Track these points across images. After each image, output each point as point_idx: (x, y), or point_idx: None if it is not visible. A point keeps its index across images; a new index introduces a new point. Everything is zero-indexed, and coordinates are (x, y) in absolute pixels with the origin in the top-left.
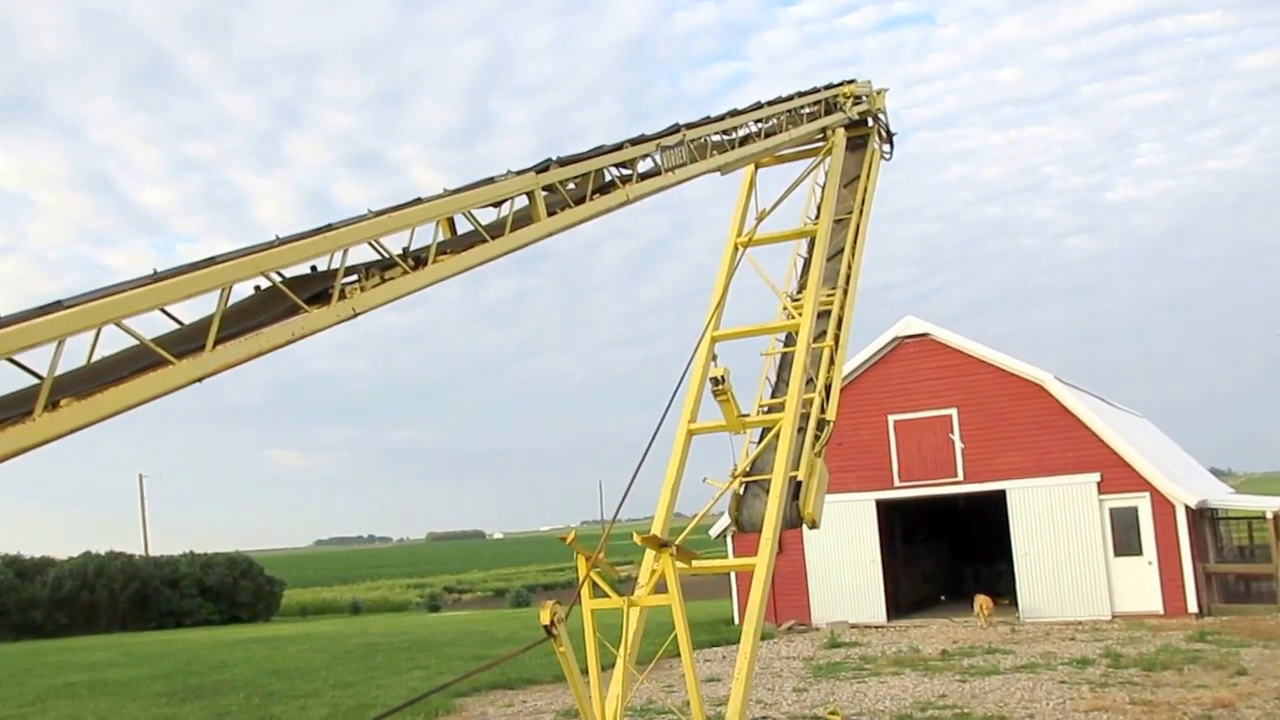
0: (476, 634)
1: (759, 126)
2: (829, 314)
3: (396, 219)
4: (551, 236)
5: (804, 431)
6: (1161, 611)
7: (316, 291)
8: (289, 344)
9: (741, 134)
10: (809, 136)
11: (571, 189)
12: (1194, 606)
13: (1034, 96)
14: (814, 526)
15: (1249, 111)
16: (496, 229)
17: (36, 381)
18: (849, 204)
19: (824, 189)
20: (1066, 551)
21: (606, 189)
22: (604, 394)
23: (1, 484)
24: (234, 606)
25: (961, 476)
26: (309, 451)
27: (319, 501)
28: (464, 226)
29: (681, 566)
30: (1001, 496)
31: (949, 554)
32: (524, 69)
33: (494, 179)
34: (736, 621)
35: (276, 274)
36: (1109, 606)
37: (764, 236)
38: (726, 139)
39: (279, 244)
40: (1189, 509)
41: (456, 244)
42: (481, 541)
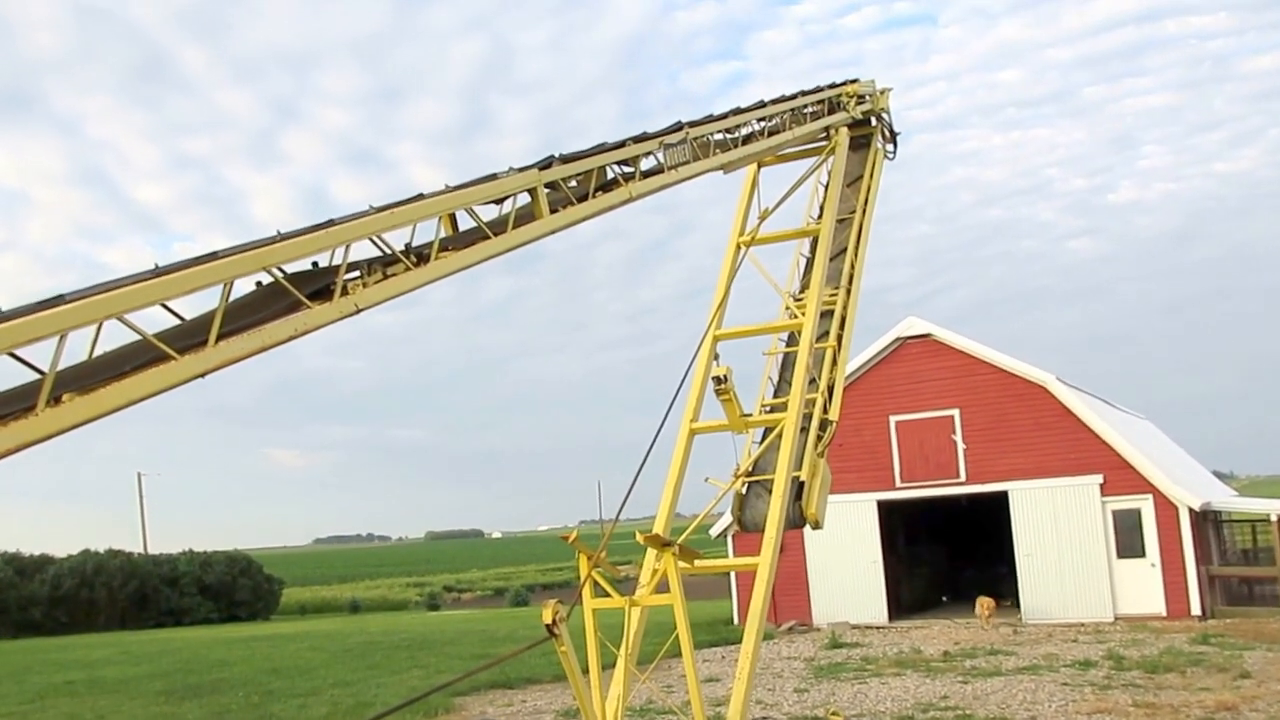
0: (476, 633)
1: (762, 125)
2: (832, 314)
3: (398, 215)
4: (554, 234)
5: (806, 432)
6: (1164, 614)
7: (318, 287)
8: (291, 340)
9: (744, 132)
10: (812, 136)
11: (574, 186)
12: (1197, 609)
13: (1036, 98)
14: (817, 527)
15: (1254, 114)
16: (499, 226)
17: (38, 377)
18: (852, 203)
19: (827, 188)
20: (1069, 553)
21: (609, 187)
22: (602, 394)
23: (1, 482)
24: (233, 605)
25: (964, 477)
26: (307, 450)
27: (317, 500)
28: (466, 223)
29: (683, 566)
30: (1004, 498)
31: (951, 555)
32: (522, 67)
33: (496, 175)
34: (736, 621)
35: (278, 269)
36: (1112, 608)
37: (766, 236)
38: (729, 137)
39: (281, 239)
40: (1192, 511)
41: (458, 241)
42: (480, 541)
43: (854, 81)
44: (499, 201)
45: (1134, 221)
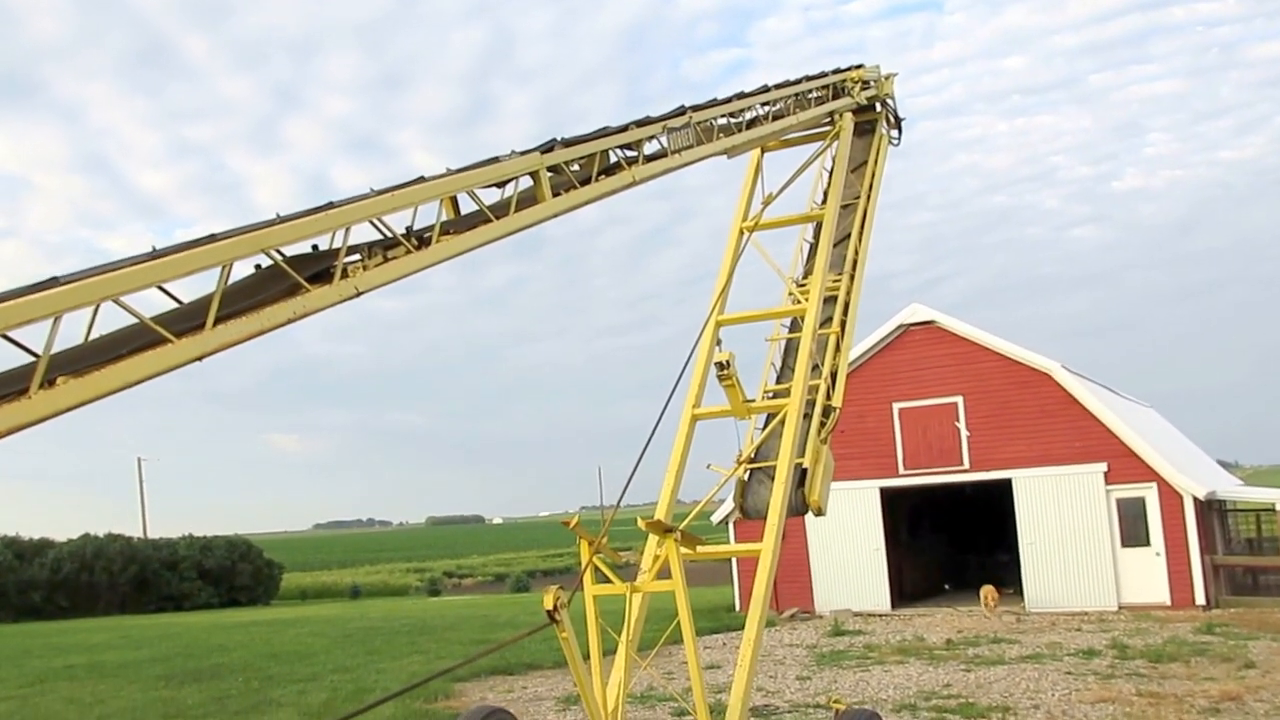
0: (477, 619)
1: (766, 110)
2: (835, 300)
3: (399, 197)
4: (557, 217)
5: (810, 418)
6: (1169, 603)
7: (318, 270)
8: (290, 323)
9: (748, 117)
10: (816, 121)
11: (576, 170)
12: (1201, 599)
13: (1041, 85)
14: (820, 514)
15: (1261, 101)
16: (501, 210)
17: (33, 360)
18: (856, 189)
19: (831, 174)
20: (1073, 541)
21: (612, 170)
22: (602, 380)
23: (2, 466)
24: (233, 590)
25: (967, 465)
26: (307, 435)
27: (318, 485)
28: (468, 207)
29: (685, 552)
30: (1007, 485)
31: (954, 543)
32: (524, 53)
33: (498, 159)
34: (738, 608)
35: (277, 252)
36: (1115, 597)
37: (770, 221)
38: (733, 122)
39: (280, 222)
40: (1197, 500)
41: (460, 224)
42: (481, 526)
43: (859, 67)
44: (501, 185)
45: (1139, 209)
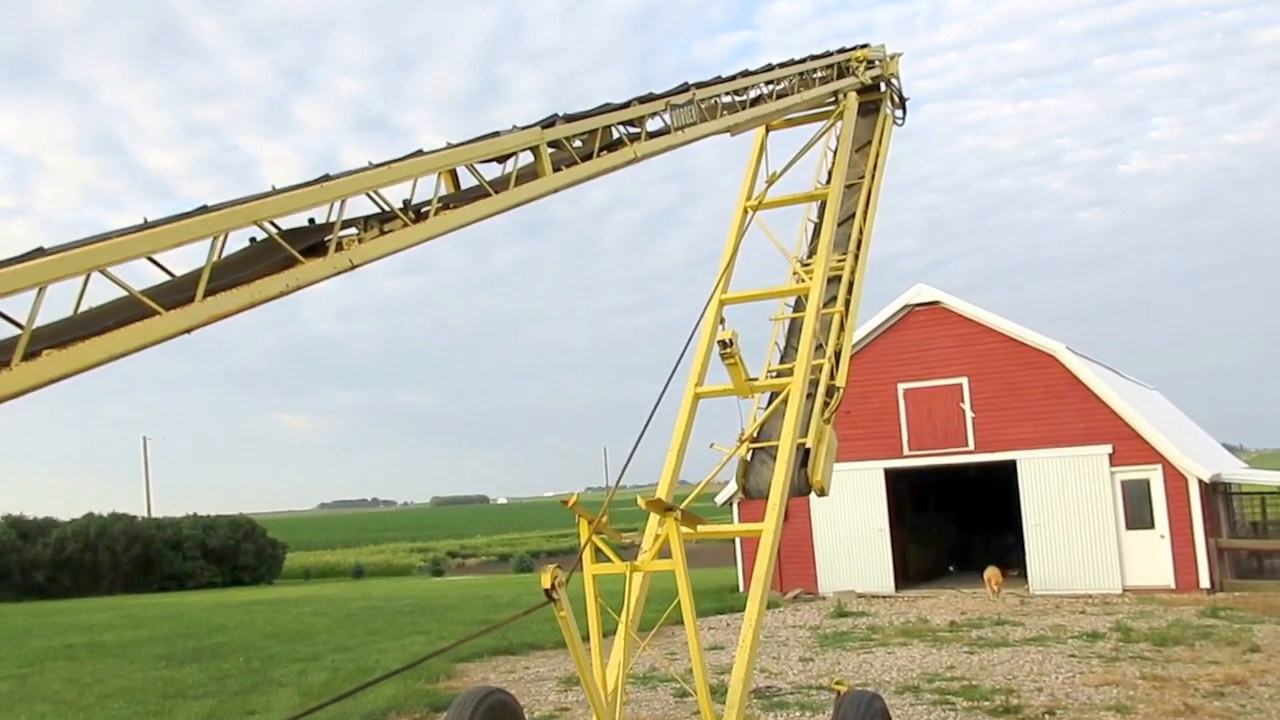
0: (479, 599)
1: (770, 89)
2: (839, 279)
3: (395, 170)
4: (556, 192)
5: (813, 398)
6: (1173, 586)
7: (312, 243)
8: (283, 295)
9: (752, 95)
10: (820, 100)
11: (579, 147)
12: (1206, 582)
13: (1047, 68)
14: (822, 494)
15: (1266, 86)
16: (501, 185)
17: (17, 331)
18: (860, 169)
19: (835, 153)
20: (1077, 523)
21: (614, 147)
22: (610, 360)
23: (5, 446)
24: (236, 569)
25: (972, 446)
26: (315, 415)
27: (324, 465)
28: (471, 185)
29: (686, 532)
30: (1012, 467)
31: (958, 525)
32: (534, 34)
33: (498, 133)
34: (742, 589)
35: (271, 224)
36: (1120, 580)
37: (774, 200)
38: (737, 100)
39: (274, 194)
40: (1202, 483)
41: (459, 199)
42: (486, 506)
43: (864, 46)
44: (502, 161)
45: (1144, 193)
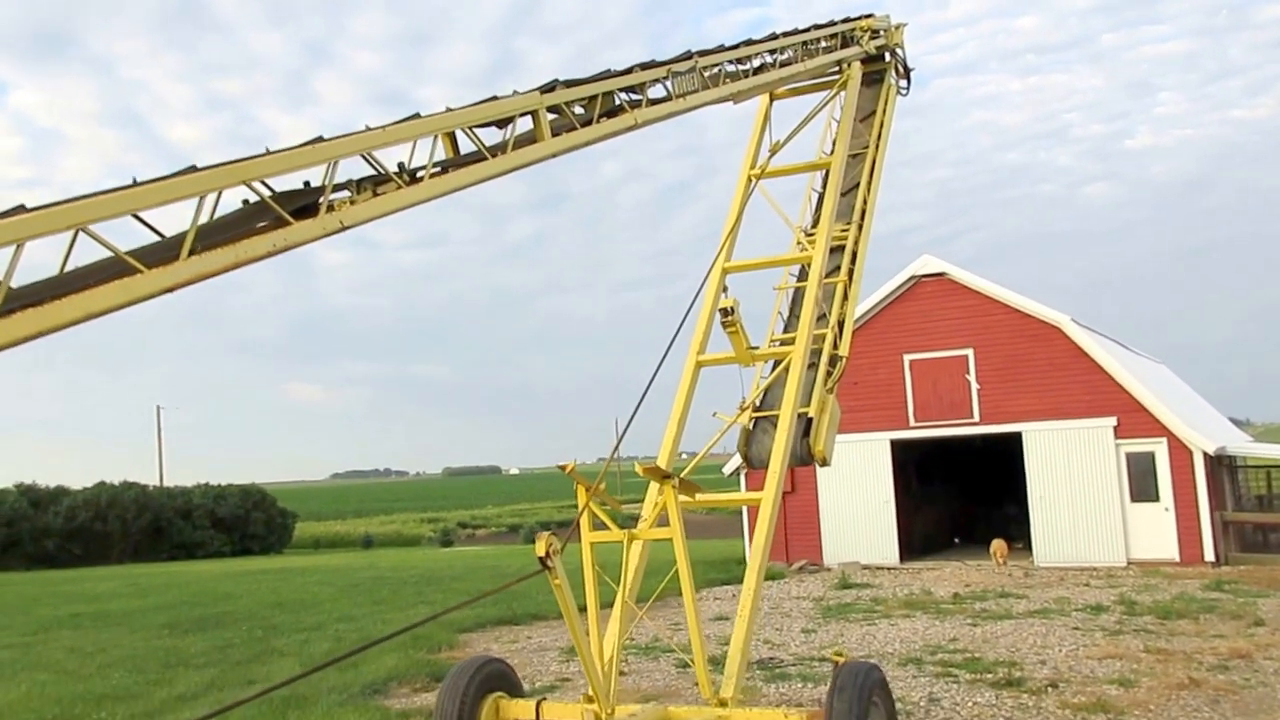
0: (486, 569)
1: (774, 58)
2: (843, 249)
3: (390, 133)
4: (555, 156)
5: (815, 367)
6: (1178, 559)
7: (304, 205)
8: (270, 255)
9: (755, 64)
10: (824, 69)
11: (579, 113)
12: (1211, 555)
13: (1055, 44)
14: (824, 464)
15: (1271, 62)
16: (499, 149)
17: None
18: (864, 139)
19: (839, 122)
20: (1082, 496)
21: (615, 113)
22: (622, 332)
23: (19, 414)
24: (246, 539)
25: (977, 418)
26: (330, 386)
27: (338, 435)
28: (469, 150)
29: (687, 500)
30: (1017, 439)
31: (963, 496)
32: (550, 11)
33: (497, 97)
34: (748, 560)
35: (263, 184)
36: (1124, 553)
37: (778, 169)
38: (740, 68)
39: (265, 155)
40: (1207, 456)
41: (457, 162)
42: (498, 477)
43: (868, 16)
44: (501, 125)
45: (1151, 167)
